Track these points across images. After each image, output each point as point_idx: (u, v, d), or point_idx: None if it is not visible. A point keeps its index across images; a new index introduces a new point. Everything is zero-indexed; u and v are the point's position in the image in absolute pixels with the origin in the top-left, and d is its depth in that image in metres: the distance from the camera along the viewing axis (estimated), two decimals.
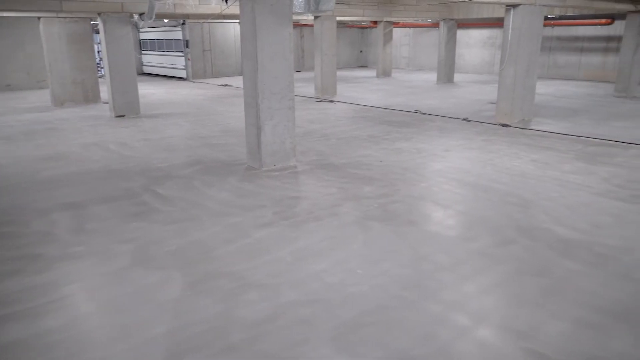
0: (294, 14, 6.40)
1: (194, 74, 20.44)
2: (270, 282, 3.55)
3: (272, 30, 6.10)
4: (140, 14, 10.21)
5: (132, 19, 10.71)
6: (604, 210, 4.97)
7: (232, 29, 21.20)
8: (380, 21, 20.36)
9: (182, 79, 20.84)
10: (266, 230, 4.48)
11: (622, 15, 15.71)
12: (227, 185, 5.84)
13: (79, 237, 4.39)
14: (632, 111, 11.24)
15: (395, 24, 22.02)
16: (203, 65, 20.80)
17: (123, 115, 10.80)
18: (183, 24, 19.97)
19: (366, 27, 26.26)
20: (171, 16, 13.59)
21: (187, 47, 20.28)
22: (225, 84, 18.13)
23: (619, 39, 16.91)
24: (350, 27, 26.10)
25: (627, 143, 7.89)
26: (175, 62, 21.28)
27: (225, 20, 19.44)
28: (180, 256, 3.98)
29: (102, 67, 17.65)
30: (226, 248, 4.12)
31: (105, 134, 8.91)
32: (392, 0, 14.80)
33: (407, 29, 25.03)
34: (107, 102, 11.71)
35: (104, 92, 12.87)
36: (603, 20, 17.47)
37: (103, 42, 10.37)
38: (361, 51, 27.82)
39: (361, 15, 15.32)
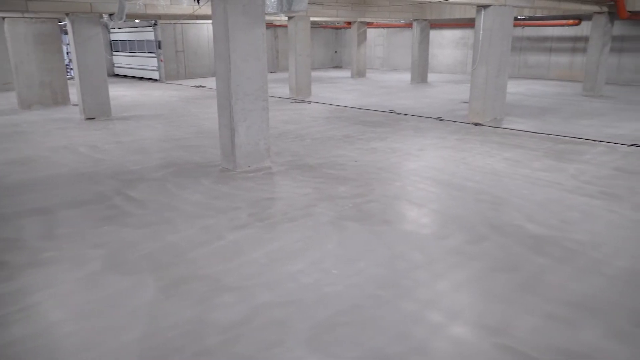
0: (266, 14, 6.37)
1: (167, 75, 20.18)
2: (245, 284, 3.52)
3: (244, 31, 6.06)
4: (110, 15, 10.02)
5: (101, 20, 10.51)
6: (572, 206, 5.08)
7: (206, 30, 21.00)
8: (354, 22, 20.45)
9: (154, 80, 20.55)
10: (241, 232, 4.44)
11: (588, 16, 16.13)
12: (201, 187, 5.78)
13: (49, 242, 4.28)
14: (599, 109, 11.55)
15: (369, 25, 22.15)
16: (176, 66, 20.55)
17: (93, 118, 10.58)
18: (155, 24, 19.70)
19: (340, 28, 26.34)
20: (142, 17, 13.40)
21: (159, 48, 20.00)
22: (199, 85, 17.95)
23: (586, 39, 17.35)
24: (325, 27, 26.15)
25: (595, 140, 8.10)
26: (148, 63, 20.97)
27: (198, 21, 19.25)
28: (153, 260, 3.92)
29: (71, 69, 17.27)
30: (200, 251, 4.08)
31: (75, 137, 8.72)
32: (366, 0, 14.89)
33: (381, 30, 25.20)
34: (77, 105, 11.46)
35: (74, 94, 12.59)
36: (571, 21, 17.92)
37: (72, 43, 10.14)
38: (336, 52, 27.89)
39: (335, 16, 15.36)
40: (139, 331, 2.97)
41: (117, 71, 23.48)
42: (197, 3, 8.53)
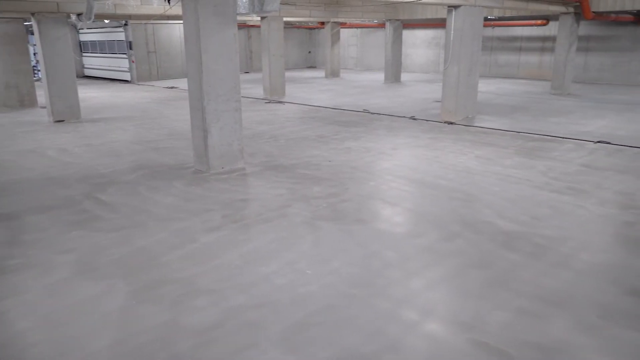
0: (238, 14, 6.32)
1: (139, 77, 19.87)
2: (219, 286, 3.48)
3: (216, 31, 6.00)
4: (78, 15, 9.81)
5: (69, 20, 10.27)
6: (542, 202, 5.19)
7: (178, 30, 20.75)
8: (328, 22, 20.49)
9: (126, 81, 20.21)
10: (214, 234, 4.40)
11: (555, 17, 16.50)
12: (174, 189, 5.70)
13: (15, 249, 4.15)
14: (567, 107, 11.82)
15: (343, 25, 22.22)
16: (148, 67, 20.25)
17: (62, 120, 10.34)
18: (125, 25, 19.37)
19: (314, 28, 26.36)
20: (112, 17, 13.14)
21: (130, 48, 19.68)
22: (172, 86, 17.72)
23: (553, 39, 17.75)
24: (298, 27, 26.14)
25: (563, 138, 8.29)
26: (119, 64, 20.61)
27: (169, 21, 18.99)
28: (125, 264, 3.84)
29: (38, 70, 16.84)
30: (173, 254, 4.02)
31: (43, 140, 8.51)
32: (339, 1, 14.93)
33: (355, 30, 25.32)
34: (44, 107, 11.18)
35: (42, 96, 12.29)
36: (539, 21, 18.31)
37: (38, 44, 9.89)
38: (309, 52, 27.90)
39: (308, 16, 15.36)
40: (109, 338, 2.90)
41: (87, 72, 23.02)
42: (167, 3, 8.41)
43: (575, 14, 13.79)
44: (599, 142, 7.92)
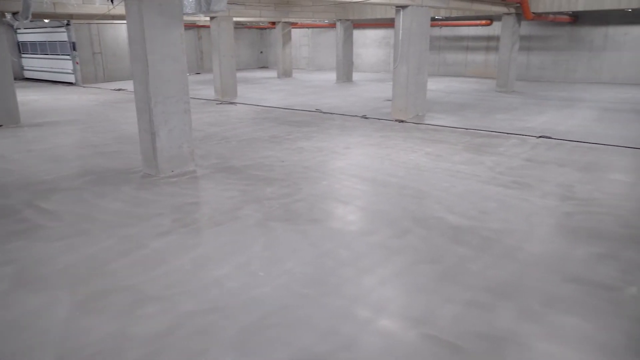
0: (185, 14, 6.20)
1: (84, 79, 19.15)
2: (169, 293, 3.40)
3: (162, 32, 5.86)
4: (14, 13, 9.34)
5: (4, 19, 9.77)
6: (489, 196, 5.35)
7: (124, 31, 20.13)
8: (279, 22, 20.43)
9: (70, 84, 19.43)
10: (164, 240, 4.29)
11: (498, 17, 17.10)
12: (122, 194, 5.52)
13: None
14: (511, 104, 12.28)
15: (294, 25, 22.21)
16: (94, 69, 19.55)
17: (0, 125, 9.82)
18: (68, 24, 18.62)
19: (265, 28, 26.22)
20: (52, 16, 12.62)
21: (74, 49, 18.94)
22: (119, 88, 17.18)
23: (497, 38, 18.39)
24: (249, 28, 25.93)
25: (508, 134, 8.60)
26: (62, 65, 19.79)
27: (115, 21, 18.41)
28: (69, 274, 3.69)
29: None
30: (121, 261, 3.89)
31: None
32: (289, 1, 14.91)
33: (306, 30, 25.36)
34: None
35: None
36: (483, 22, 18.93)
37: None
38: (261, 52, 27.74)
39: (258, 16, 15.26)
40: (51, 353, 2.78)
41: (28, 74, 21.97)
42: (111, 3, 8.14)
43: (517, 15, 14.34)
44: (541, 137, 8.26)
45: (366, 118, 10.42)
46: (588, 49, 17.33)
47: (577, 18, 17.14)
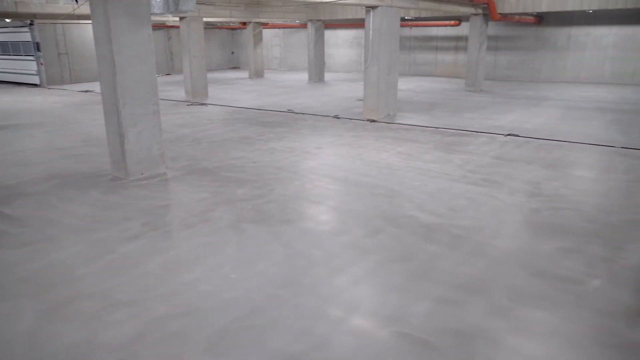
0: (152, 14, 6.10)
1: (49, 80, 18.65)
2: (139, 297, 3.34)
3: (129, 32, 5.75)
4: None
5: None
6: (459, 194, 5.44)
7: (91, 31, 19.68)
8: (250, 22, 20.31)
9: (34, 85, 18.90)
10: (134, 244, 4.22)
11: (466, 18, 17.39)
12: (90, 198, 5.40)
13: None
14: (480, 103, 12.51)
15: (265, 25, 22.12)
16: (59, 70, 19.05)
17: None
18: (31, 24, 18.09)
19: (236, 28, 26.04)
20: (14, 16, 12.24)
21: (38, 50, 18.42)
22: (87, 89, 16.79)
23: (466, 38, 18.69)
24: (220, 28, 25.69)
25: (477, 132, 8.75)
26: (25, 66, 19.22)
27: (81, 21, 17.99)
28: (34, 282, 3.59)
29: None
30: (89, 267, 3.81)
31: None
32: (259, 1, 14.85)
33: (278, 30, 25.29)
34: None
35: None
36: (452, 22, 19.23)
37: None
38: (232, 52, 27.53)
39: (228, 17, 15.15)
40: None
41: None
42: (75, 2, 7.97)
43: (484, 15, 14.61)
44: (508, 135, 8.44)
45: (338, 118, 10.46)
46: (552, 49, 17.80)
47: (542, 19, 17.58)
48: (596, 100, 12.90)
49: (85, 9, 9.98)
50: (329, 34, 23.04)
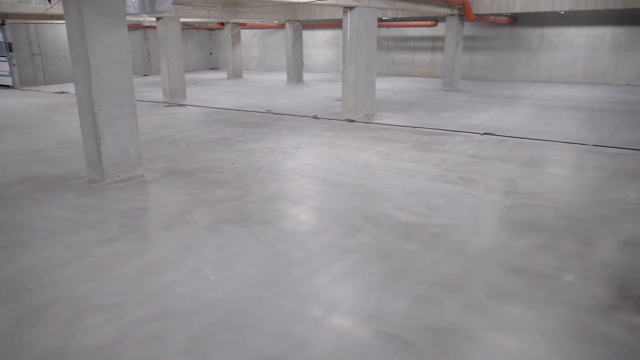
0: (128, 15, 6.03)
1: (22, 81, 18.24)
2: (116, 301, 3.30)
3: (104, 32, 5.68)
4: None
5: None
6: (437, 193, 5.51)
7: (65, 31, 19.33)
8: (228, 23, 20.20)
9: (7, 87, 18.46)
10: (111, 246, 4.16)
11: (443, 18, 17.58)
12: (65, 201, 5.31)
13: None
14: (457, 103, 12.66)
15: (243, 26, 22.03)
16: (33, 71, 18.66)
17: None
18: (2, 24, 17.68)
19: (214, 29, 25.86)
20: None
21: (10, 50, 18.00)
22: (62, 91, 16.48)
23: (442, 39, 18.89)
24: (198, 28, 25.48)
25: (454, 131, 8.86)
26: None
27: (55, 21, 17.65)
28: (6, 288, 3.51)
29: None
30: (64, 271, 3.75)
31: None
32: (237, 1, 14.78)
33: (256, 30, 25.19)
34: None
35: None
36: (429, 22, 19.42)
37: None
38: (211, 53, 27.33)
39: (206, 17, 15.05)
40: None
41: None
42: (48, 2, 7.83)
43: (460, 16, 14.80)
44: (485, 134, 8.57)
45: (317, 118, 10.48)
46: (526, 49, 18.12)
47: (516, 20, 17.89)
48: (569, 99, 13.18)
49: (58, 8, 9.80)
50: (307, 35, 23.06)
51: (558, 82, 17.37)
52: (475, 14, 14.15)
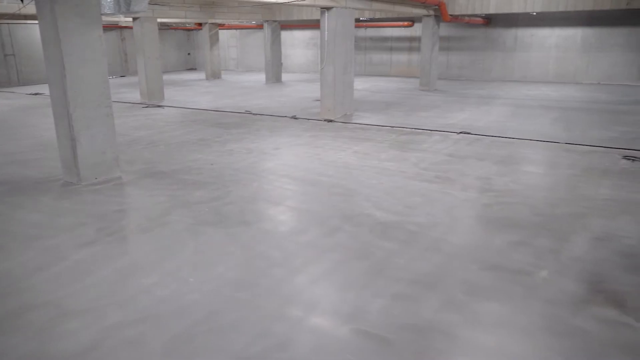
0: (103, 15, 5.96)
1: None
2: (93, 305, 3.27)
3: (79, 33, 5.60)
4: None
5: None
6: (414, 192, 5.57)
7: (39, 31, 18.94)
8: (205, 23, 20.06)
9: None
10: (87, 250, 4.11)
11: (419, 19, 17.76)
12: (40, 205, 5.23)
13: None
14: (434, 102, 12.81)
15: (221, 26, 21.90)
16: (6, 72, 18.25)
17: None
18: None
19: (192, 29, 25.65)
20: None
21: None
22: (36, 92, 16.15)
23: (419, 39, 19.07)
24: (176, 29, 25.24)
25: (431, 130, 8.97)
26: None
27: (28, 21, 17.28)
28: None
29: None
30: (39, 276, 3.69)
31: None
32: (215, 2, 14.69)
33: (234, 31, 25.07)
34: None
35: None
36: (405, 23, 19.59)
37: None
38: (189, 53, 27.10)
39: (183, 17, 14.93)
40: None
41: None
42: (21, 2, 7.68)
43: (436, 17, 14.97)
44: (461, 133, 8.69)
45: (296, 118, 10.49)
46: (501, 49, 18.43)
47: (490, 20, 18.17)
48: (542, 98, 13.45)
49: (31, 8, 9.61)
50: (285, 35, 23.04)
51: (532, 82, 17.71)
52: (451, 15, 14.33)
